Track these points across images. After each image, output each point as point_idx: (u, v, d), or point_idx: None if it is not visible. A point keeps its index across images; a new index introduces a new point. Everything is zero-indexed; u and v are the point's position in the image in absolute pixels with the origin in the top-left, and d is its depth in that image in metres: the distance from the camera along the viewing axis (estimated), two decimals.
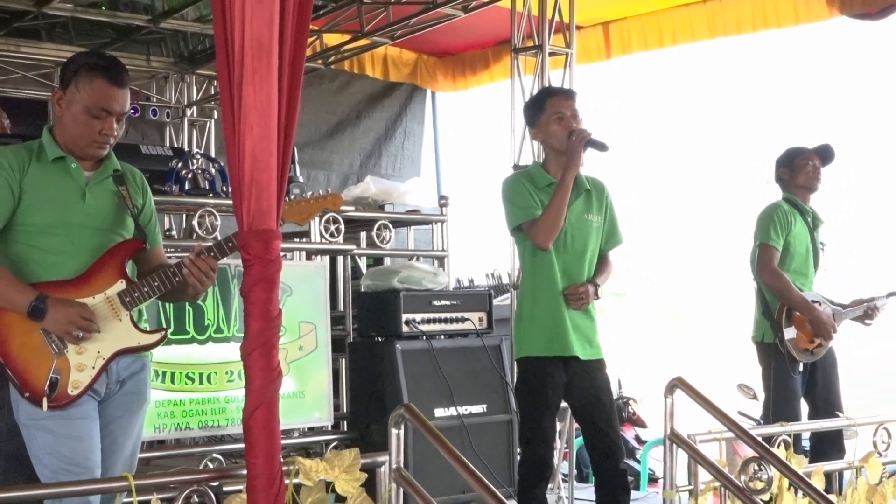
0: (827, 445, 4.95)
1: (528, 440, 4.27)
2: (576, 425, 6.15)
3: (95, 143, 3.20)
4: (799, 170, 5.22)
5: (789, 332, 5.07)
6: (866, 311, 5.29)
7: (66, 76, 3.21)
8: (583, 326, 4.25)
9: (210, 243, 3.32)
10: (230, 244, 3.21)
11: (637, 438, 8.07)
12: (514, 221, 4.28)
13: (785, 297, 5.08)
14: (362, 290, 5.87)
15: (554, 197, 4.16)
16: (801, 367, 5.12)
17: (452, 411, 5.48)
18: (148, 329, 3.29)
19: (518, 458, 6.07)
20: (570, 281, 4.24)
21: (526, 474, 4.27)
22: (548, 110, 4.27)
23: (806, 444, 5.25)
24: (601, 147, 4.22)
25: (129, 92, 3.24)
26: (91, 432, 3.16)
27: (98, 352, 3.15)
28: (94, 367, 3.14)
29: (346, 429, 5.78)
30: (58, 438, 3.10)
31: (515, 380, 4.48)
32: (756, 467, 3.82)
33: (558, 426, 6.20)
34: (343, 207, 5.52)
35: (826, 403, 5.11)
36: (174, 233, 6.01)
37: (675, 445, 3.99)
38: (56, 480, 3.04)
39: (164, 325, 4.87)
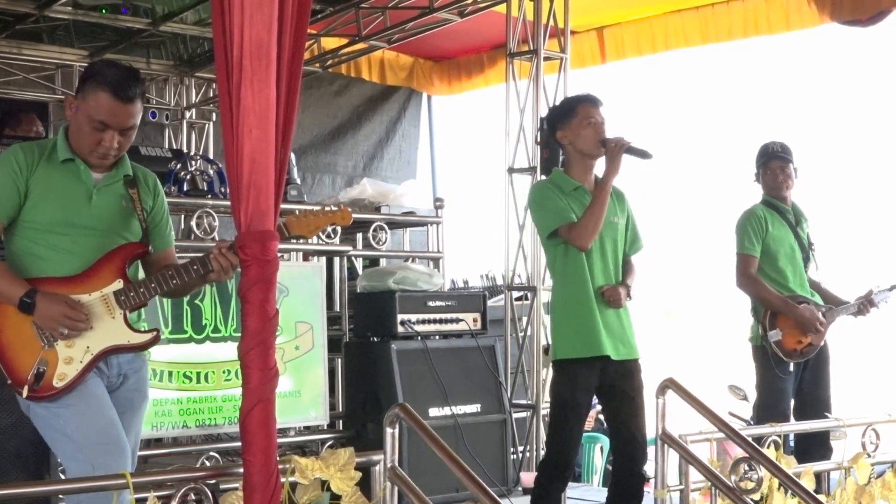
0: (813, 444, 4.93)
1: (553, 440, 4.29)
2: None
3: (95, 153, 3.22)
4: (761, 178, 5.24)
5: (774, 335, 5.07)
6: (860, 307, 5.25)
7: (80, 83, 3.24)
8: (616, 327, 4.25)
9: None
10: None
11: None
12: (550, 226, 4.25)
13: (764, 301, 5.10)
14: (358, 290, 5.90)
15: (595, 198, 4.18)
16: (791, 368, 5.12)
17: (447, 411, 5.51)
18: (145, 329, 3.31)
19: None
20: (601, 282, 4.25)
21: (545, 472, 4.28)
22: (580, 114, 4.28)
23: (791, 441, 5.26)
24: (643, 154, 4.25)
25: (138, 105, 3.21)
26: (109, 403, 3.19)
27: (87, 347, 3.17)
28: (81, 362, 3.15)
29: (341, 428, 5.81)
30: (83, 412, 3.11)
31: (549, 380, 4.52)
32: (746, 467, 3.82)
33: None
34: None
35: (814, 400, 5.10)
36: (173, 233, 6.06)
37: (666, 445, 3.99)
38: (90, 452, 3.05)
39: (163, 325, 4.91)
